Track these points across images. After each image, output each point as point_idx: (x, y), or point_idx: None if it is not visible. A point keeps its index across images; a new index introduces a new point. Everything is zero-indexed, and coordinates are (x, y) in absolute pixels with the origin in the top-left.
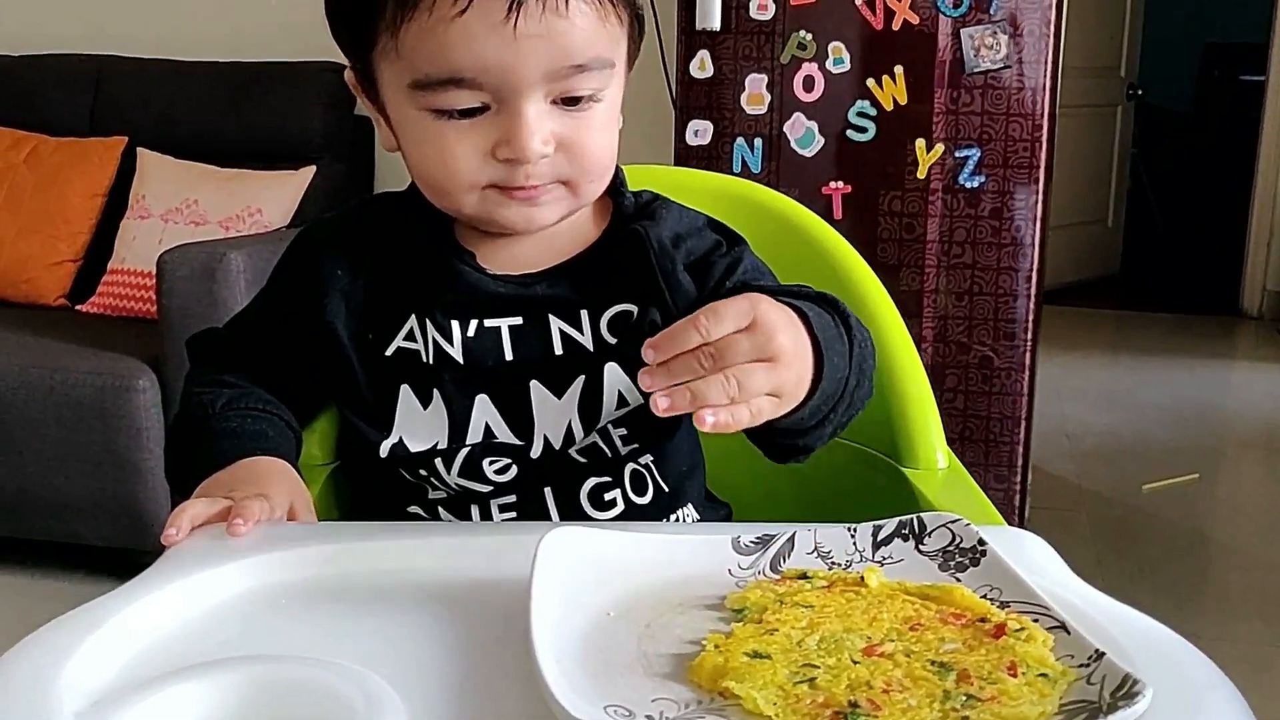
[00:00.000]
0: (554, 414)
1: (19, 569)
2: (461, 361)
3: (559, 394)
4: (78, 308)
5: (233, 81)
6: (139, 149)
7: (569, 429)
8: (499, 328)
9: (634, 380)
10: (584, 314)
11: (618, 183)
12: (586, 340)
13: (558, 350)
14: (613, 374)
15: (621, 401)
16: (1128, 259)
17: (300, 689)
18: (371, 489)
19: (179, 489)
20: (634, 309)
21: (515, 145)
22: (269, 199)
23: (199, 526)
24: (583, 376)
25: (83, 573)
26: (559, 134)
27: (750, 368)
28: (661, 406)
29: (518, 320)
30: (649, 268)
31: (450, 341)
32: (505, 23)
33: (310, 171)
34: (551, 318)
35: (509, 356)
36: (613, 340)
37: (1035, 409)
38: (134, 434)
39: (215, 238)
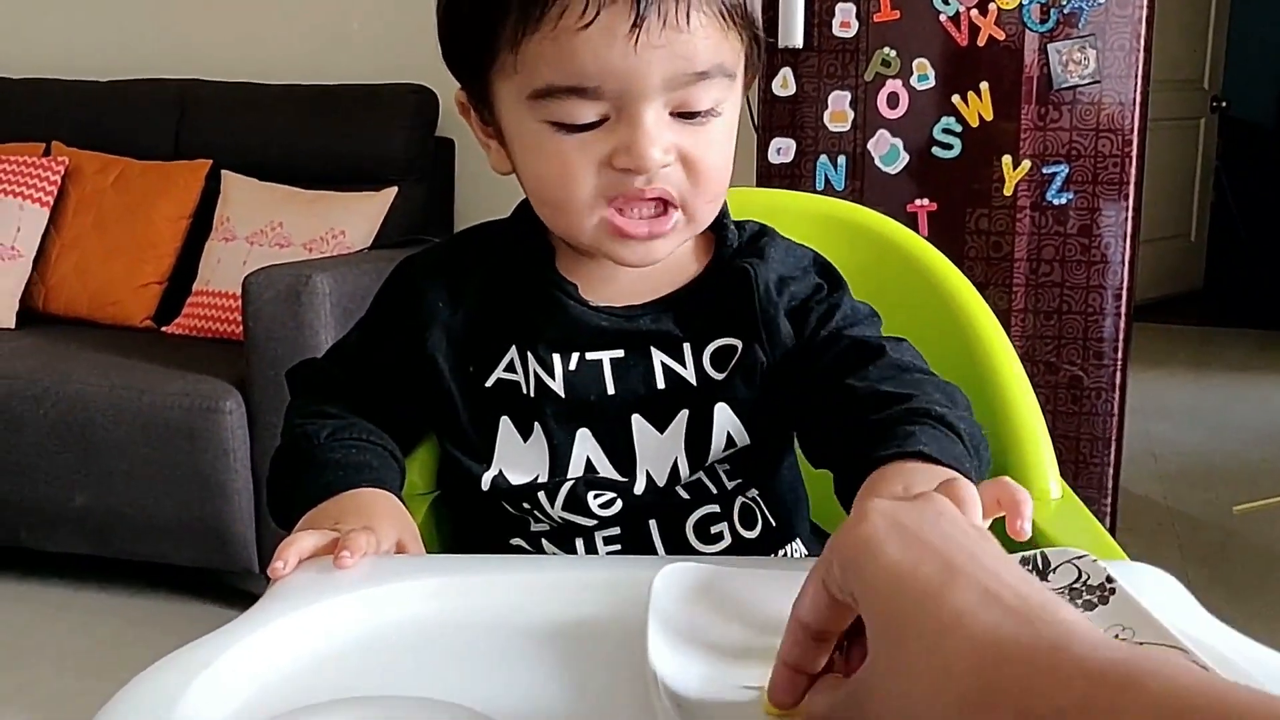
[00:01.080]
0: (656, 449)
1: (107, 588)
2: (563, 395)
3: (661, 429)
4: (163, 329)
5: (315, 104)
6: (223, 172)
7: (674, 466)
8: (601, 360)
9: (743, 421)
10: (686, 347)
11: (721, 214)
12: (689, 374)
13: (660, 384)
14: (723, 414)
15: (730, 442)
16: (1211, 274)
17: None
18: (473, 520)
19: (282, 522)
20: (738, 344)
21: (635, 152)
22: (352, 221)
23: (306, 560)
24: (685, 411)
25: (166, 591)
26: (679, 145)
27: None
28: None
29: (619, 353)
30: (752, 306)
31: (551, 374)
32: (629, 37)
33: (392, 193)
34: (654, 350)
35: (610, 390)
36: (716, 375)
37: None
38: (220, 455)
39: (299, 259)
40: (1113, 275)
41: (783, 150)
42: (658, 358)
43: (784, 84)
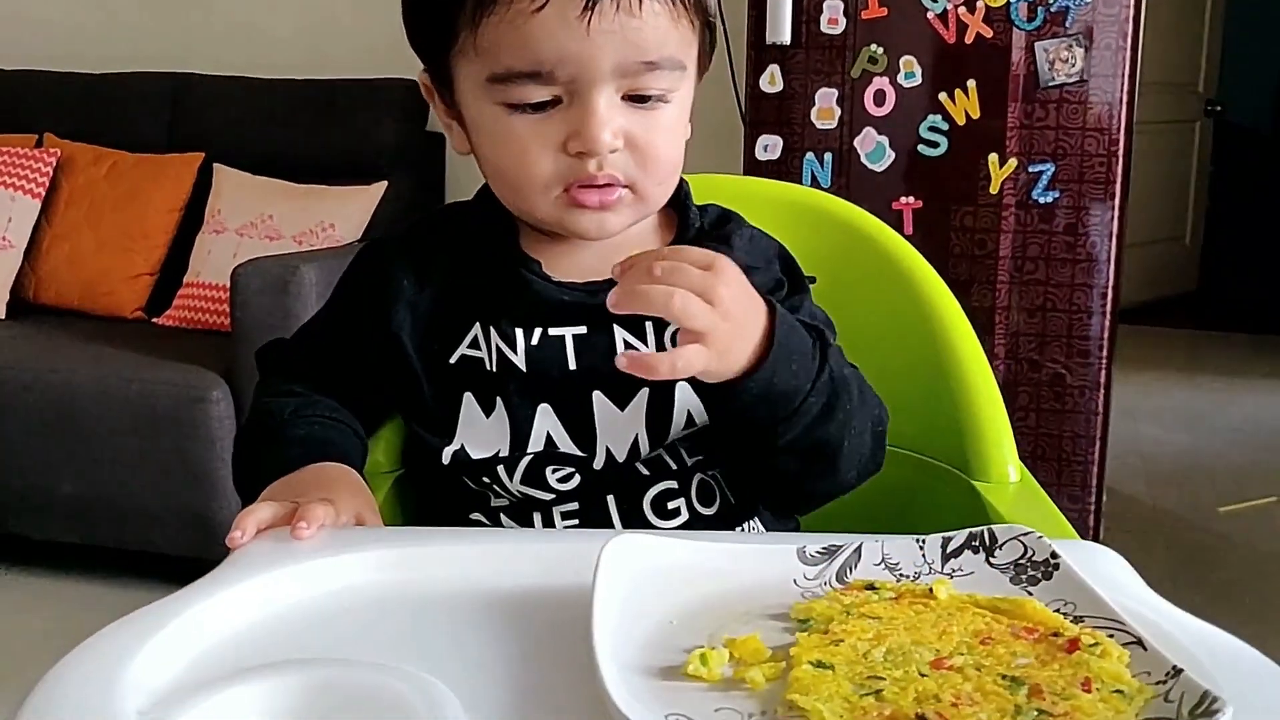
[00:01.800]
0: (617, 426)
1: (93, 576)
2: (525, 370)
3: (622, 406)
4: (154, 320)
5: (307, 99)
6: (215, 165)
7: (634, 443)
8: (563, 336)
9: (703, 401)
10: (649, 326)
11: (682, 195)
12: (651, 351)
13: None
14: (683, 393)
15: (690, 422)
16: (1205, 277)
17: (363, 693)
18: (435, 496)
19: (247, 497)
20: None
21: (585, 136)
22: (342, 214)
23: (264, 530)
24: (646, 389)
25: (155, 580)
26: (628, 131)
27: (690, 295)
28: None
29: (582, 329)
30: None
31: (514, 349)
32: (580, 19)
33: (382, 187)
34: (616, 328)
35: (572, 365)
36: None
37: (1110, 429)
38: (207, 444)
39: (289, 252)
40: (1099, 274)
41: (770, 147)
42: (620, 334)
43: (771, 80)
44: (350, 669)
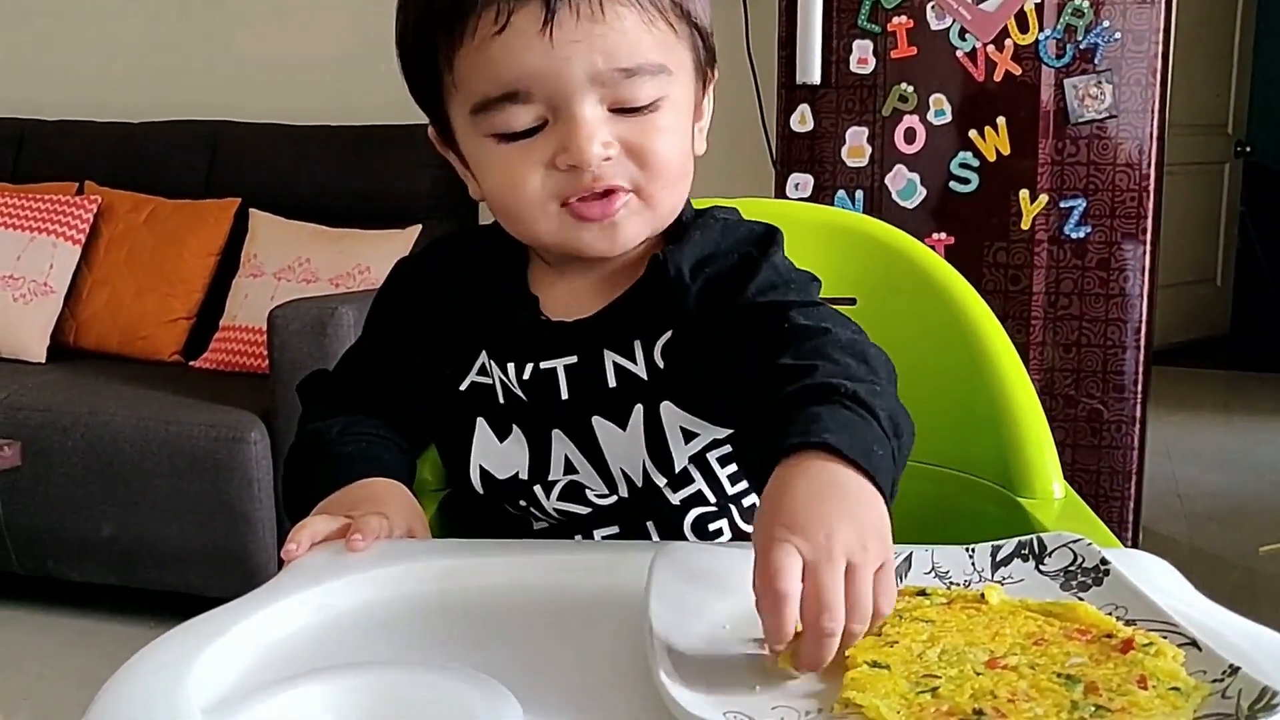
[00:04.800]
0: (624, 449)
1: (132, 617)
2: (526, 400)
3: (622, 425)
4: (191, 364)
5: (342, 144)
6: (251, 210)
7: (645, 470)
8: (555, 369)
9: (701, 414)
10: (637, 344)
11: (682, 215)
12: (640, 369)
13: (611, 383)
14: (669, 412)
15: (689, 435)
16: (1237, 319)
17: (422, 693)
18: (479, 519)
19: (296, 515)
20: (672, 334)
21: (573, 149)
22: (377, 257)
23: (318, 543)
24: (640, 407)
25: None
26: (621, 137)
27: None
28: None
29: (573, 359)
30: (670, 293)
31: (512, 382)
32: (541, 35)
33: (416, 230)
34: (606, 352)
35: (564, 395)
36: (664, 366)
37: (1146, 469)
38: (245, 485)
39: (325, 294)
40: (1132, 309)
41: (800, 185)
42: (609, 358)
43: (802, 120)
44: (410, 671)
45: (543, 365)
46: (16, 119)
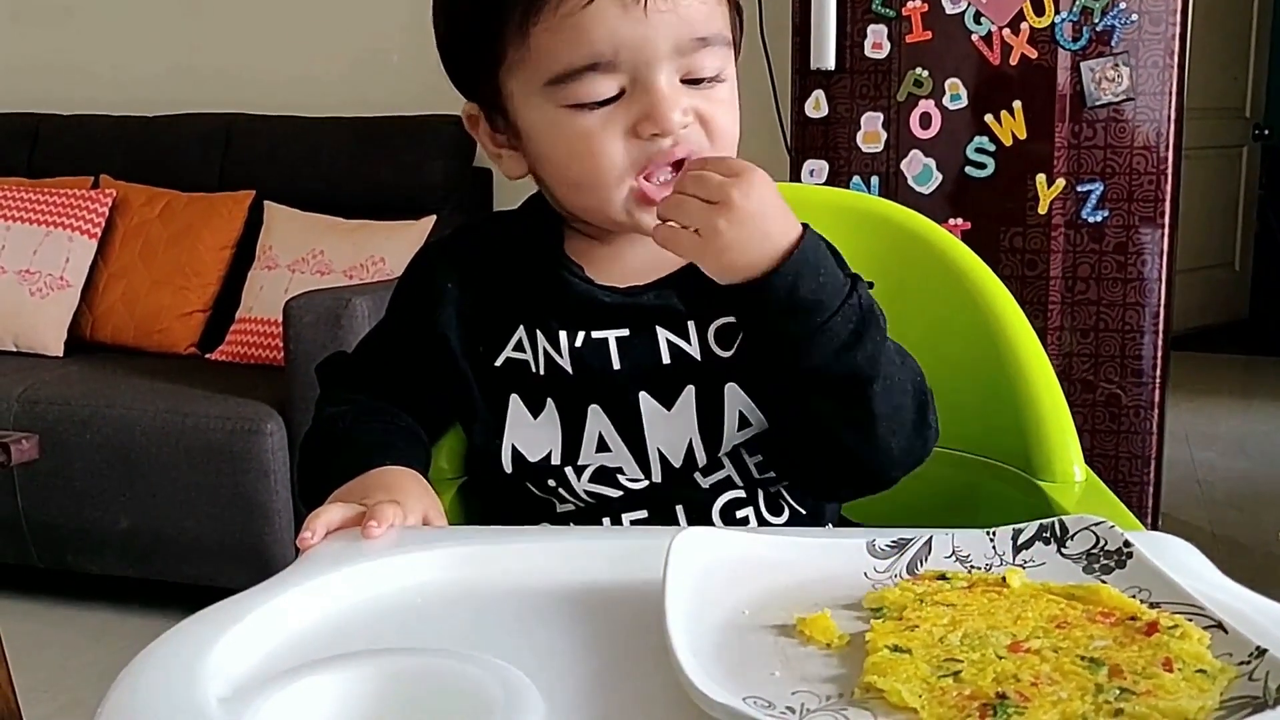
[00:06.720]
0: (666, 428)
1: (150, 610)
2: (570, 371)
3: (669, 405)
4: (207, 356)
5: (356, 136)
6: (266, 202)
7: (690, 450)
8: (606, 339)
9: (754, 400)
10: (691, 325)
11: None
12: (694, 350)
13: (665, 359)
14: (733, 394)
15: (744, 422)
16: (1256, 304)
17: (440, 680)
18: (499, 505)
19: (312, 502)
20: (736, 321)
21: (656, 116)
22: (391, 249)
23: (334, 531)
24: (691, 387)
25: None
26: (694, 107)
27: (685, 197)
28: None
29: (625, 331)
30: None
31: (559, 352)
32: (637, 4)
33: (431, 221)
34: (658, 328)
35: (616, 365)
36: (722, 352)
37: (1165, 455)
38: (261, 476)
39: (340, 285)
40: (1150, 294)
41: (816, 172)
42: (662, 335)
43: (816, 106)
44: (427, 657)
45: (594, 334)
46: (32, 114)
